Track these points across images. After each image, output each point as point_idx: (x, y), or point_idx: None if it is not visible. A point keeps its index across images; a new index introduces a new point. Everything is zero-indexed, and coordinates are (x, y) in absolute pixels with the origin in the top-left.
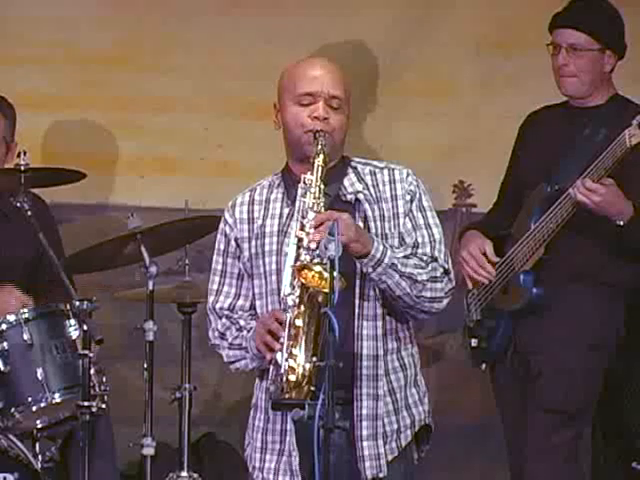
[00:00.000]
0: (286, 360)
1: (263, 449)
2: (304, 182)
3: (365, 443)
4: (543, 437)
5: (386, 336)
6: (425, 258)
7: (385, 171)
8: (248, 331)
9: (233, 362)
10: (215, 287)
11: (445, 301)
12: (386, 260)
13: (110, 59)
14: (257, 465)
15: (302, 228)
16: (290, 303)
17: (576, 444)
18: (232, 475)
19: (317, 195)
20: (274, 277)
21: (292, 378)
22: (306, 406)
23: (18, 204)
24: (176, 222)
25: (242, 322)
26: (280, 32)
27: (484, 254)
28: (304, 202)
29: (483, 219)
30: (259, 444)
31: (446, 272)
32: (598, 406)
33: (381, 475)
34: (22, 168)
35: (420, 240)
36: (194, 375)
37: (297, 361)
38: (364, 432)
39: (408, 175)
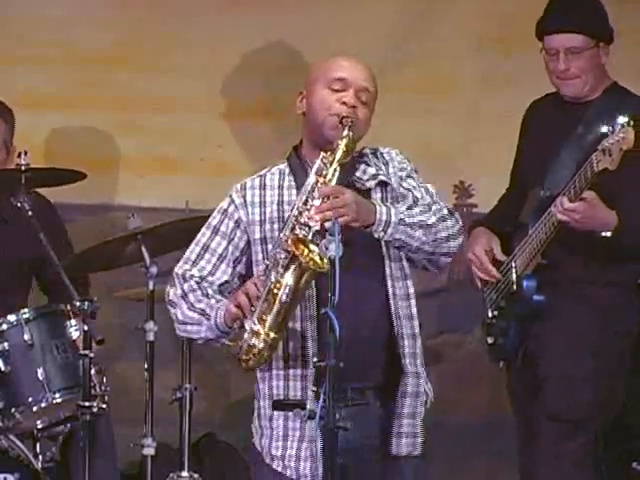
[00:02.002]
0: (254, 324)
1: (285, 436)
2: (322, 160)
3: (405, 420)
4: (551, 444)
5: (417, 316)
6: (427, 203)
7: (378, 154)
8: (217, 301)
9: (185, 324)
10: (192, 257)
11: (460, 238)
12: (393, 218)
13: (110, 59)
14: (278, 454)
15: (305, 202)
16: (274, 271)
17: (585, 451)
18: (233, 475)
19: (330, 176)
20: None
21: (255, 342)
22: (307, 405)
23: (18, 204)
24: (176, 222)
25: (210, 291)
26: (280, 31)
27: (491, 251)
28: (316, 179)
29: (494, 209)
30: (281, 432)
31: (451, 212)
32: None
33: (415, 453)
34: (23, 168)
35: (419, 195)
36: (194, 375)
37: (265, 327)
38: (405, 410)
39: (397, 154)
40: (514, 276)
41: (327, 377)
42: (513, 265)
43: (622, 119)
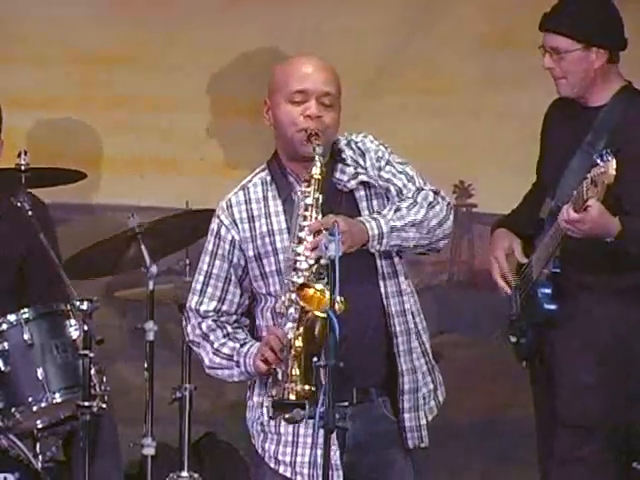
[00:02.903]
0: (285, 382)
1: (295, 442)
2: (302, 194)
3: (407, 415)
4: (563, 450)
5: (411, 310)
6: (412, 193)
7: (352, 144)
8: (241, 345)
9: (215, 369)
10: (199, 287)
11: (451, 217)
12: (384, 229)
13: (111, 59)
14: (287, 460)
15: (300, 242)
16: (290, 317)
17: (597, 457)
18: (233, 475)
19: (314, 212)
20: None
21: (293, 398)
22: (307, 406)
23: (18, 204)
24: (177, 217)
25: (229, 328)
26: (282, 30)
27: (513, 254)
28: (302, 216)
29: (518, 206)
30: (290, 437)
31: (436, 193)
32: None
33: (422, 445)
34: (23, 168)
35: (400, 184)
36: (194, 375)
37: (298, 383)
38: (406, 405)
39: (371, 142)
40: (530, 280)
41: (327, 377)
42: (532, 267)
43: (606, 152)
